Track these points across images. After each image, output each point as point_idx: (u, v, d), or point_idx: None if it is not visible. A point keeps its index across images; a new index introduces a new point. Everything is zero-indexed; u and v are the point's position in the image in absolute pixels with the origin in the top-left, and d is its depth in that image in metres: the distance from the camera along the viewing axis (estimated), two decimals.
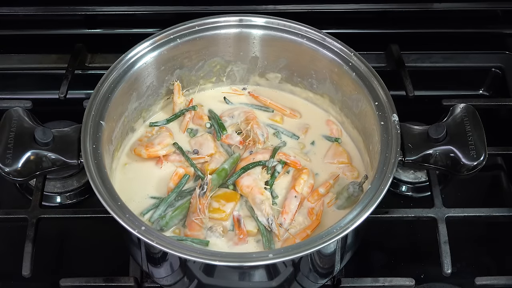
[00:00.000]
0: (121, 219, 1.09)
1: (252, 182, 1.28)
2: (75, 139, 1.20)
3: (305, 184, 1.28)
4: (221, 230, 1.23)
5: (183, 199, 1.26)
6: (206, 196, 1.23)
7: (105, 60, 1.60)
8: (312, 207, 1.27)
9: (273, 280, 1.17)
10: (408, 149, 1.21)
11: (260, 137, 1.33)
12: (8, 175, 1.18)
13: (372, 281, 1.28)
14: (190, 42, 1.34)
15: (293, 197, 1.27)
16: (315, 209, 1.26)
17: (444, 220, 1.30)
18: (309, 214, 1.26)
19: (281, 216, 1.25)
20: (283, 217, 1.25)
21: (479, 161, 1.19)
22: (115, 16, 1.57)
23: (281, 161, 1.31)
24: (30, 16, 1.56)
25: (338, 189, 1.28)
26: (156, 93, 1.37)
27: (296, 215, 1.25)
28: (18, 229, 1.30)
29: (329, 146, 1.36)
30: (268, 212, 1.23)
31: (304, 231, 1.23)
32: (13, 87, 1.60)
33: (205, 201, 1.23)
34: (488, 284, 1.28)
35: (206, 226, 1.23)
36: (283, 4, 1.53)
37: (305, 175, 1.29)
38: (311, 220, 1.25)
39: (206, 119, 1.38)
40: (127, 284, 1.26)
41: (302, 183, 1.28)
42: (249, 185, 1.27)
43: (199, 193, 1.23)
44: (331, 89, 1.36)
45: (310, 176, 1.30)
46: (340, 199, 1.26)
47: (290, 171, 1.32)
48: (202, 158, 1.33)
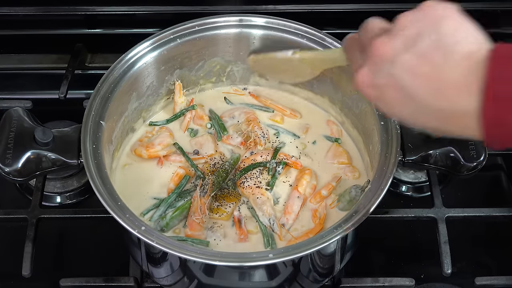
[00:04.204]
0: (121, 219, 1.09)
1: (253, 183, 1.28)
2: (75, 139, 1.20)
3: (308, 185, 1.28)
4: (222, 230, 1.23)
5: (183, 199, 1.26)
6: (207, 196, 1.23)
7: (105, 60, 1.60)
8: (316, 208, 1.27)
9: (273, 280, 1.17)
10: (408, 149, 1.21)
11: (261, 139, 1.33)
12: (8, 175, 1.18)
13: (372, 281, 1.28)
14: (190, 42, 1.34)
15: (296, 197, 1.26)
16: (319, 212, 1.26)
17: (444, 220, 1.30)
18: (313, 217, 1.26)
19: (283, 217, 1.25)
20: (286, 217, 1.24)
21: (479, 161, 1.19)
22: (115, 16, 1.57)
23: (282, 162, 1.31)
24: (30, 16, 1.56)
25: (340, 191, 1.28)
26: (156, 93, 1.37)
27: (299, 216, 1.25)
28: (18, 229, 1.30)
29: (330, 146, 1.36)
30: (270, 212, 1.23)
31: (306, 235, 1.22)
32: (13, 87, 1.60)
33: (206, 201, 1.23)
34: (488, 284, 1.28)
35: (207, 226, 1.23)
36: (283, 4, 1.53)
37: (307, 176, 1.29)
38: (314, 223, 1.25)
39: (206, 120, 1.38)
40: (127, 284, 1.26)
41: (305, 184, 1.28)
42: (250, 185, 1.28)
43: (200, 193, 1.23)
44: (331, 89, 1.36)
45: (313, 177, 1.30)
46: (342, 201, 1.26)
47: (292, 172, 1.32)
48: (203, 158, 1.33)
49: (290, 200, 1.27)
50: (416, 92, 0.87)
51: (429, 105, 0.87)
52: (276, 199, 1.28)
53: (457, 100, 0.84)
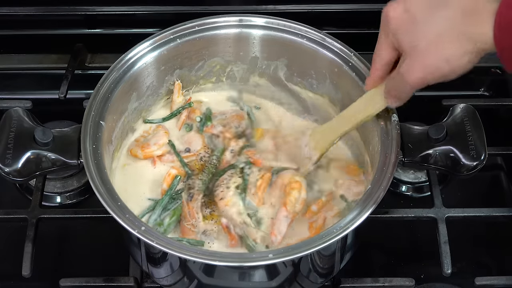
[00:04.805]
0: (121, 219, 1.09)
1: (228, 195, 1.23)
2: (75, 139, 1.20)
3: (297, 201, 1.23)
4: (215, 234, 1.23)
5: (177, 201, 1.26)
6: (194, 200, 1.22)
7: (105, 60, 1.60)
8: (311, 222, 1.24)
9: (273, 280, 1.17)
10: (408, 149, 1.21)
11: (233, 129, 1.32)
12: (8, 175, 1.18)
13: (372, 281, 1.28)
14: (190, 42, 1.34)
15: (283, 217, 1.21)
16: (316, 222, 1.23)
17: (444, 220, 1.30)
18: (310, 228, 1.23)
19: (270, 236, 1.21)
20: (272, 238, 1.21)
21: (479, 161, 1.19)
22: (115, 16, 1.57)
23: (248, 161, 1.28)
24: (30, 16, 1.56)
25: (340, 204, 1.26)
26: (156, 93, 1.37)
27: (294, 229, 1.22)
28: (18, 229, 1.30)
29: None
30: (240, 221, 1.20)
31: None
32: (13, 87, 1.60)
33: (193, 205, 1.22)
34: (488, 284, 1.28)
35: (199, 230, 1.23)
36: (283, 4, 1.53)
37: (295, 192, 1.23)
38: (310, 234, 1.22)
39: (198, 113, 1.38)
40: (127, 284, 1.26)
41: (293, 201, 1.22)
42: (223, 198, 1.23)
43: (187, 197, 1.23)
44: (331, 89, 1.36)
45: (302, 191, 1.24)
46: (342, 213, 1.25)
47: (274, 178, 1.27)
48: (193, 155, 1.32)
49: (278, 220, 1.22)
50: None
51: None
52: (259, 225, 1.23)
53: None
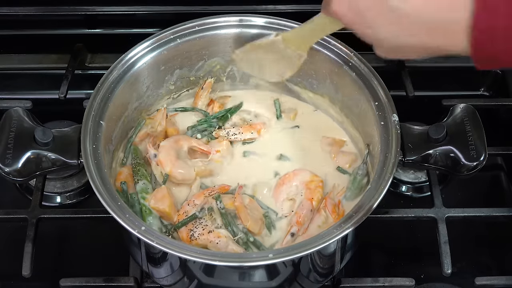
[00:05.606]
0: (121, 219, 1.09)
1: (201, 229, 1.20)
2: (75, 139, 1.20)
3: (320, 197, 1.26)
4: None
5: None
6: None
7: (105, 60, 1.60)
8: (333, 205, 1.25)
9: (273, 280, 1.17)
10: (408, 149, 1.21)
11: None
12: (8, 175, 1.18)
13: (372, 281, 1.28)
14: (190, 42, 1.34)
15: (309, 210, 1.24)
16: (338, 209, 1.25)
17: (444, 220, 1.30)
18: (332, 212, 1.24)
19: (295, 226, 1.22)
20: (298, 227, 1.21)
21: (479, 161, 1.19)
22: (115, 16, 1.57)
23: (217, 195, 1.24)
24: (30, 16, 1.56)
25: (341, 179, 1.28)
26: (156, 93, 1.37)
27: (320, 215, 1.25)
28: (18, 229, 1.30)
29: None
30: (237, 250, 1.19)
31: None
32: (13, 87, 1.60)
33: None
34: (488, 284, 1.28)
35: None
36: (283, 4, 1.53)
37: (321, 189, 1.27)
38: (334, 220, 1.23)
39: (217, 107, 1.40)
40: (127, 284, 1.26)
41: (319, 197, 1.26)
42: (200, 234, 1.20)
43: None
44: (331, 89, 1.36)
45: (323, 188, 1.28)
46: (350, 188, 1.26)
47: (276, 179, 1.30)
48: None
49: (305, 210, 1.24)
50: (408, 5, 0.89)
51: (420, 16, 0.89)
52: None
53: (451, 8, 0.88)
